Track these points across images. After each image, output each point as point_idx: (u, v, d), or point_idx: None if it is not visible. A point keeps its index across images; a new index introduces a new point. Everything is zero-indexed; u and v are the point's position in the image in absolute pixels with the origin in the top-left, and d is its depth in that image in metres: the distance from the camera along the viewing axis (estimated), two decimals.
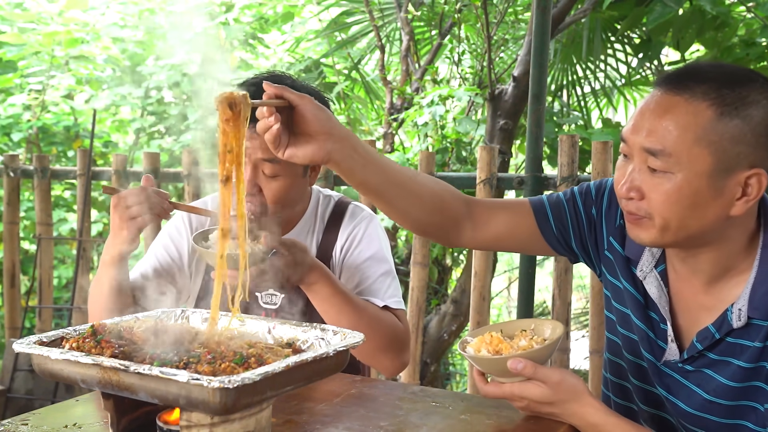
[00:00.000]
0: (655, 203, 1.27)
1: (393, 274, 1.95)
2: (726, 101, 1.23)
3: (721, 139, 1.22)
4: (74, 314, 4.00)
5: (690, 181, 1.24)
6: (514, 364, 1.30)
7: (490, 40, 4.23)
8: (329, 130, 1.31)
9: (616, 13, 4.29)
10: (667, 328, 1.41)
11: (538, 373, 1.31)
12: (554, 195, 1.59)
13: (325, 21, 5.70)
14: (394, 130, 4.73)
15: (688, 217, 1.26)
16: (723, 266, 1.34)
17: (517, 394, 1.34)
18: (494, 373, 1.37)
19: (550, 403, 1.32)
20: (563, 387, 1.31)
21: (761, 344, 1.29)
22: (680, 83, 1.26)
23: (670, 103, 1.26)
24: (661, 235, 1.30)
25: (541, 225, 1.56)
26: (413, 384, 2.58)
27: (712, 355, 1.36)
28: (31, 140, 5.59)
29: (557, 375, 1.31)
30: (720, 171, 1.23)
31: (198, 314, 1.47)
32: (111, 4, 6.21)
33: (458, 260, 4.93)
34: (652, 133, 1.25)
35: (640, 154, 1.28)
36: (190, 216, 2.00)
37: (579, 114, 4.79)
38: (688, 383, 1.39)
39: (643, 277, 1.44)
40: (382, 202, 1.44)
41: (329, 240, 1.95)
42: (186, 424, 1.15)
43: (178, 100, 6.08)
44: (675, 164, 1.24)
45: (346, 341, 1.28)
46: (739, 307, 1.31)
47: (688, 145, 1.23)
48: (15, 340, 1.28)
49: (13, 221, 4.26)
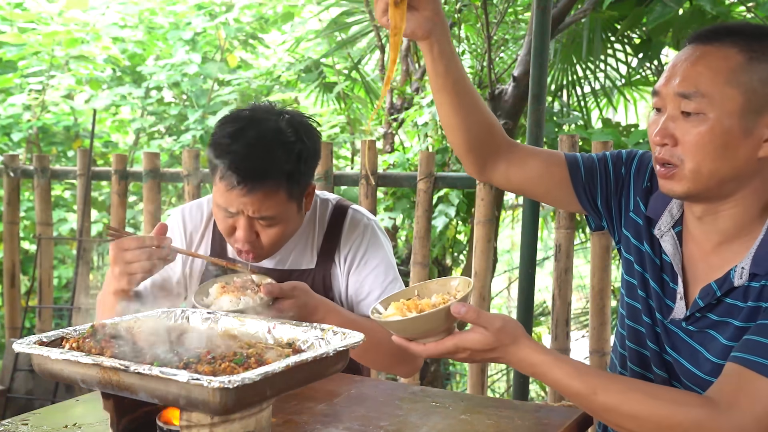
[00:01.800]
0: (688, 147, 1.33)
1: (399, 279, 1.96)
2: (754, 48, 1.31)
3: (751, 80, 1.30)
4: (74, 314, 4.00)
5: (722, 120, 1.30)
6: (458, 308, 1.27)
7: (490, 40, 4.23)
8: (436, 9, 1.41)
9: (616, 13, 4.28)
10: (677, 287, 1.45)
11: (481, 318, 1.29)
12: (587, 154, 1.66)
13: (325, 21, 5.70)
14: (394, 130, 4.73)
15: (719, 158, 1.32)
16: (738, 225, 1.39)
17: (460, 345, 1.31)
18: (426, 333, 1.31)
19: (492, 348, 1.31)
20: (504, 332, 1.30)
21: (754, 303, 1.33)
22: (710, 37, 1.35)
23: (701, 52, 1.34)
24: (694, 184, 1.35)
25: (573, 174, 1.61)
26: (413, 384, 2.59)
27: (713, 315, 1.40)
28: (31, 140, 5.59)
29: (499, 321, 1.30)
30: (750, 111, 1.30)
31: (198, 314, 1.47)
32: (111, 4, 6.21)
33: (458, 260, 4.93)
34: (686, 78, 1.33)
35: (673, 101, 1.34)
36: (184, 219, 1.98)
37: (579, 114, 4.79)
38: (693, 343, 1.42)
39: (660, 235, 1.49)
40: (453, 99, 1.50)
41: (330, 246, 1.93)
42: (186, 424, 1.15)
43: (178, 100, 6.08)
44: (708, 105, 1.31)
45: (346, 341, 1.28)
46: (742, 266, 1.36)
47: (720, 86, 1.30)
48: (15, 340, 1.28)
49: (13, 221, 4.26)
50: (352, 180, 3.44)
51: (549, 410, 1.52)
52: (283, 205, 1.75)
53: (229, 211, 1.74)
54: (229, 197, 1.72)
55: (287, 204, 1.76)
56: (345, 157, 6.03)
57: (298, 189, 1.78)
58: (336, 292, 1.92)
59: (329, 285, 1.92)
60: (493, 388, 5.51)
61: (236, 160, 1.69)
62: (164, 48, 6.22)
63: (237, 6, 6.05)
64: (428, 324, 1.29)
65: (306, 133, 1.78)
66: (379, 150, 4.37)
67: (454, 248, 4.73)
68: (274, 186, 1.71)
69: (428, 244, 3.30)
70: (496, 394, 5.43)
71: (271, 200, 1.72)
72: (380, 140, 4.88)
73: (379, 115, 5.15)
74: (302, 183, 1.79)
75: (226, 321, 1.45)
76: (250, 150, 1.70)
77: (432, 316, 1.28)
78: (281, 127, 1.75)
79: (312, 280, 1.91)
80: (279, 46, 6.47)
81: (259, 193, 1.70)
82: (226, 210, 1.74)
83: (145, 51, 6.22)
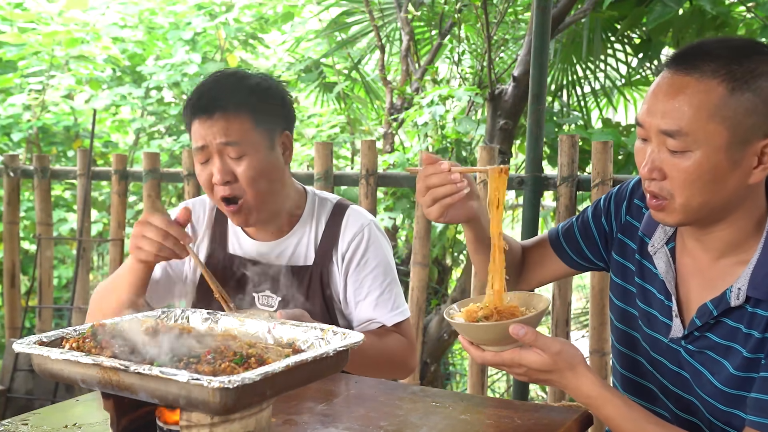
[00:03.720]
0: (676, 182, 1.31)
1: (397, 280, 1.98)
2: (736, 76, 1.26)
3: (735, 113, 1.26)
4: (74, 314, 4.00)
5: (708, 156, 1.27)
6: (516, 330, 1.29)
7: (490, 40, 4.23)
8: (478, 194, 1.53)
9: (616, 13, 4.28)
10: (671, 304, 1.44)
11: (539, 341, 1.31)
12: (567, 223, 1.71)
13: (325, 21, 5.70)
14: (394, 130, 4.73)
15: (709, 191, 1.30)
16: (733, 244, 1.37)
17: (517, 361, 1.33)
18: (487, 341, 1.35)
19: (548, 371, 1.33)
20: (562, 357, 1.32)
21: (761, 335, 1.32)
22: (689, 63, 1.29)
23: (681, 84, 1.29)
24: (685, 215, 1.34)
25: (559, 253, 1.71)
26: (413, 384, 2.59)
27: (714, 336, 1.38)
28: (31, 140, 5.59)
29: (557, 345, 1.32)
30: (736, 143, 1.27)
31: (198, 314, 1.48)
32: (111, 4, 6.21)
33: (458, 260, 4.93)
34: (667, 115, 1.29)
35: (657, 137, 1.31)
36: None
37: (579, 114, 4.79)
38: (695, 363, 1.41)
39: (653, 252, 1.48)
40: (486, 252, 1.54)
41: (328, 243, 1.94)
42: (186, 424, 1.15)
43: (178, 100, 6.08)
44: (692, 142, 1.27)
45: (346, 341, 1.28)
46: (739, 287, 1.34)
47: (703, 123, 1.26)
48: (15, 340, 1.28)
49: (13, 221, 4.25)
50: (352, 180, 3.44)
51: (549, 410, 1.52)
52: (248, 133, 1.82)
53: (198, 147, 1.82)
54: (197, 131, 1.82)
55: (253, 133, 1.82)
56: (345, 157, 6.03)
57: (266, 120, 1.85)
58: (333, 291, 1.93)
59: (327, 282, 1.92)
60: (493, 388, 5.51)
61: (202, 91, 1.85)
62: (164, 48, 6.21)
63: (237, 6, 6.05)
64: (488, 334, 1.34)
65: (269, 78, 1.93)
66: (379, 150, 4.37)
67: (454, 248, 4.73)
68: (235, 109, 1.81)
69: (428, 244, 3.30)
70: (496, 394, 5.43)
71: (234, 124, 1.80)
72: (380, 140, 4.88)
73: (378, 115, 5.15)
74: (271, 115, 1.87)
75: (226, 321, 1.45)
76: (215, 83, 1.87)
77: (492, 329, 1.32)
78: (243, 72, 1.93)
79: (310, 276, 1.92)
80: (279, 46, 6.47)
81: (221, 117, 1.80)
82: (198, 150, 1.82)
83: (145, 51, 6.21)
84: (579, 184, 2.96)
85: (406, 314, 1.97)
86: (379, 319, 1.92)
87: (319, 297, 1.91)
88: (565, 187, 2.95)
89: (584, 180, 2.95)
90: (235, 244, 1.97)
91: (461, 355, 5.61)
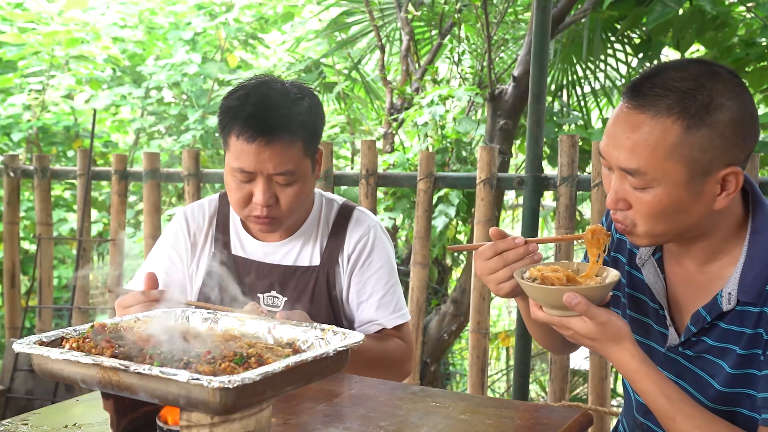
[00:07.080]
0: (639, 213, 1.34)
1: (399, 282, 1.99)
2: (691, 113, 1.26)
3: (692, 151, 1.27)
4: (74, 314, 4.00)
5: (669, 192, 1.30)
6: (570, 299, 1.32)
7: (490, 40, 4.23)
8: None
9: (616, 13, 4.28)
10: (665, 313, 1.46)
11: (589, 311, 1.34)
12: None
13: (325, 21, 5.70)
14: (394, 130, 4.73)
15: (672, 221, 1.33)
16: (717, 250, 1.39)
17: (565, 324, 1.37)
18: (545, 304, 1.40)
19: (592, 339, 1.36)
20: (607, 328, 1.34)
21: (752, 331, 1.34)
22: (645, 98, 1.29)
23: (637, 122, 1.29)
24: (652, 240, 1.38)
25: None
26: (413, 384, 2.59)
27: (709, 340, 1.40)
28: (31, 140, 5.59)
29: (604, 316, 1.34)
30: (696, 177, 1.29)
31: (198, 314, 1.47)
32: (111, 4, 6.21)
33: (458, 260, 4.93)
34: (625, 152, 1.30)
35: (618, 171, 1.34)
36: (187, 220, 2.00)
37: (579, 114, 4.79)
38: (695, 368, 1.43)
39: (641, 263, 1.51)
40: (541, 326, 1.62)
41: (335, 245, 1.95)
42: (186, 424, 1.15)
43: (178, 100, 6.08)
44: (652, 180, 1.30)
45: (346, 341, 1.28)
46: (729, 291, 1.36)
47: (661, 162, 1.28)
48: (15, 340, 1.28)
49: (13, 221, 4.25)
50: (352, 180, 3.44)
51: (549, 410, 1.52)
52: (300, 160, 1.79)
53: (247, 171, 1.76)
54: (247, 156, 1.74)
55: (304, 159, 1.80)
56: (345, 157, 6.03)
57: (313, 144, 1.83)
58: (338, 291, 1.93)
59: (332, 283, 1.93)
60: (493, 388, 5.51)
61: (254, 114, 1.74)
62: (164, 48, 6.22)
63: (237, 6, 6.05)
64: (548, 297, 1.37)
65: (309, 93, 1.85)
66: (379, 150, 4.37)
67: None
68: (291, 138, 1.75)
69: (428, 244, 3.30)
70: (496, 394, 5.43)
71: (289, 153, 1.76)
72: (380, 140, 4.88)
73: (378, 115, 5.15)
74: (316, 137, 1.84)
75: (226, 321, 1.45)
76: (264, 105, 1.76)
77: (550, 292, 1.36)
78: (286, 87, 1.82)
79: (316, 277, 1.92)
80: (279, 46, 6.47)
81: (278, 146, 1.74)
82: (243, 172, 1.76)
83: (145, 51, 6.22)
84: (579, 184, 2.96)
85: (407, 317, 1.97)
86: (381, 321, 1.92)
87: (324, 298, 1.92)
88: (565, 187, 2.95)
89: (584, 180, 2.95)
90: (237, 246, 1.97)
91: (461, 355, 5.62)
